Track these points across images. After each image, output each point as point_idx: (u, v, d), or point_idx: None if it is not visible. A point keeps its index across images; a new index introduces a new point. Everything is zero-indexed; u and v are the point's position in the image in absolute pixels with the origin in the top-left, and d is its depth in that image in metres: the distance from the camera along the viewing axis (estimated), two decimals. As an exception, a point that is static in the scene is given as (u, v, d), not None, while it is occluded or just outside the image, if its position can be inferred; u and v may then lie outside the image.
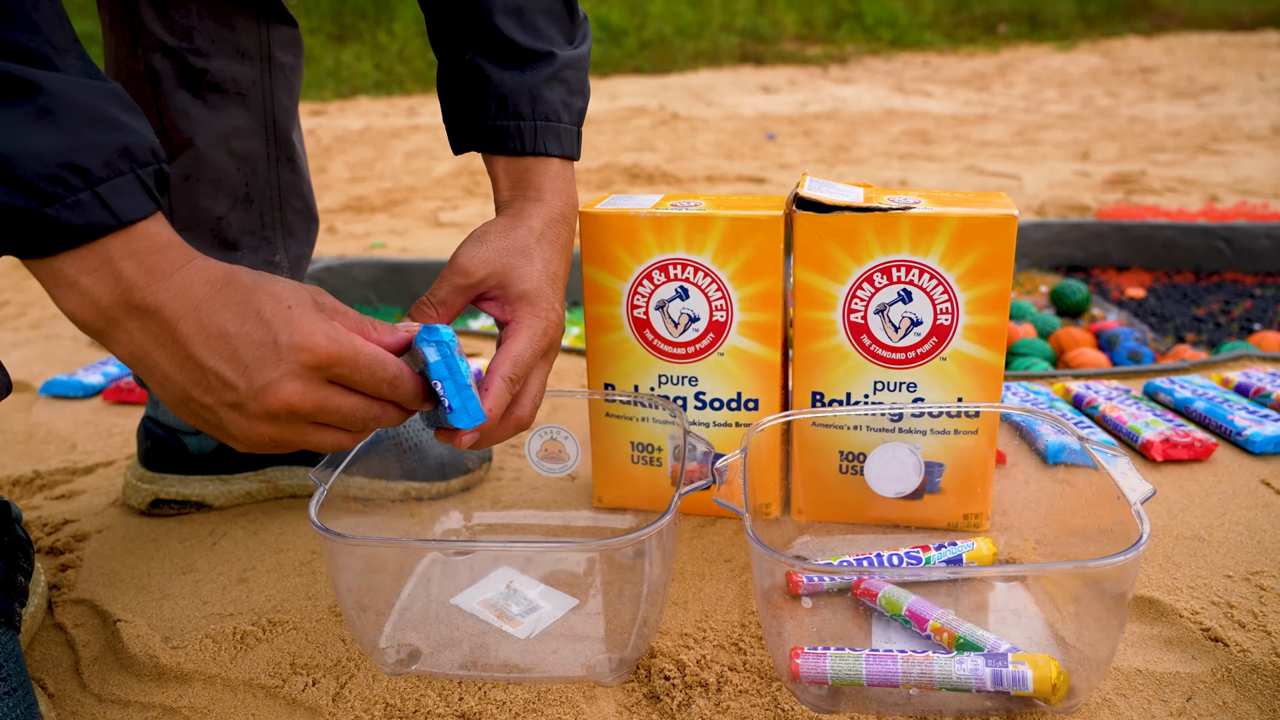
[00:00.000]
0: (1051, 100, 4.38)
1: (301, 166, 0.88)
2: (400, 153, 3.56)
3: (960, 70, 5.79)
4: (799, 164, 2.98)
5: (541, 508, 0.84)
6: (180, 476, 0.86)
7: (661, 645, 0.64)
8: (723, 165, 3.04)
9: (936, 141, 3.34)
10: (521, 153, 0.69)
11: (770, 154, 3.23)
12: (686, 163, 3.10)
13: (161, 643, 0.67)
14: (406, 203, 2.66)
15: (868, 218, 0.71)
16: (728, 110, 4.49)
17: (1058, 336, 1.37)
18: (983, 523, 0.77)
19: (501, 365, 0.60)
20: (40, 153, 0.45)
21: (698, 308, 0.76)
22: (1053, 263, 1.90)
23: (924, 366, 0.74)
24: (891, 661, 0.57)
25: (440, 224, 2.37)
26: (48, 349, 1.43)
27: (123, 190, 0.48)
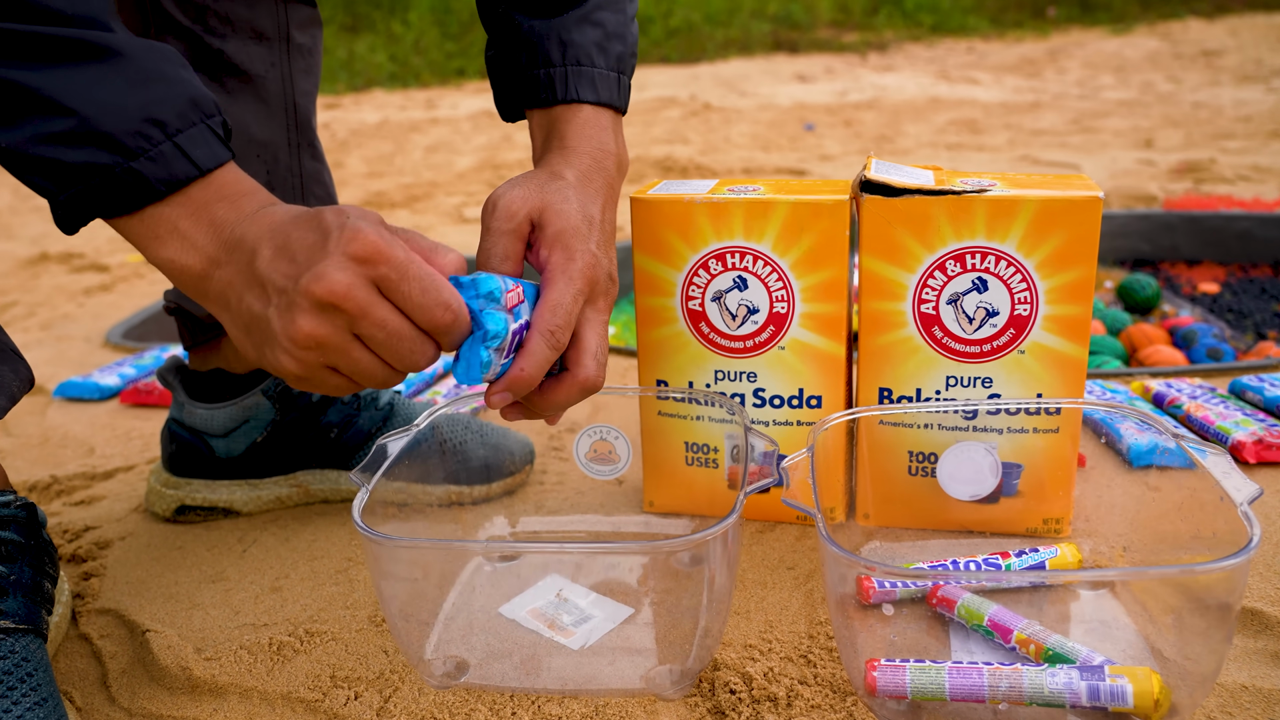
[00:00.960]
0: (1108, 86, 4.34)
1: (321, 153, 0.88)
2: (420, 146, 3.58)
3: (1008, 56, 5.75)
4: (841, 155, 2.96)
5: (589, 512, 0.84)
6: (207, 481, 0.86)
7: (725, 657, 0.63)
8: (760, 157, 3.03)
9: (986, 130, 3.31)
10: (553, 101, 0.68)
11: (810, 145, 3.22)
12: (721, 155, 3.10)
13: (194, 654, 0.67)
14: (428, 198, 2.67)
15: (940, 201, 0.70)
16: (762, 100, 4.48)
17: (1129, 333, 1.35)
18: (1064, 528, 0.76)
19: (540, 318, 0.59)
20: (119, 109, 0.49)
21: (757, 299, 0.75)
22: (1118, 256, 1.87)
23: (1000, 360, 0.73)
24: (977, 674, 0.56)
25: (464, 219, 2.37)
26: (60, 350, 1.45)
27: (197, 140, 0.52)
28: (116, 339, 1.48)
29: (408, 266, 0.50)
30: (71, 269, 2.02)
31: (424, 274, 0.51)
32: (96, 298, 1.78)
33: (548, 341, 0.58)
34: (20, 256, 2.14)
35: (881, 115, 3.82)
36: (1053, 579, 0.65)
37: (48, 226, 2.51)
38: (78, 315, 1.66)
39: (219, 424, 0.84)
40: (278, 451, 0.86)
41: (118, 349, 1.45)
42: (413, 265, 0.51)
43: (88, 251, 2.17)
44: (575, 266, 0.60)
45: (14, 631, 0.60)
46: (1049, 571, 0.52)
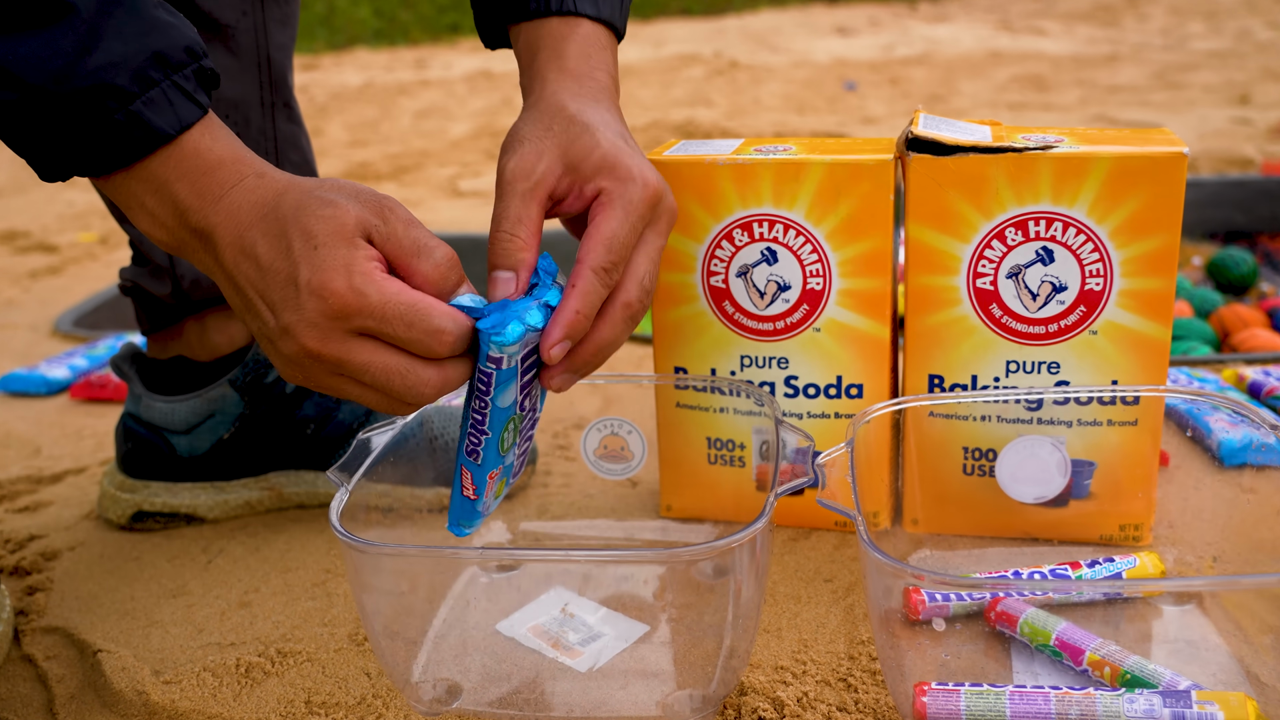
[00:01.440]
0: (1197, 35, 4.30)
1: (298, 115, 0.88)
2: (408, 112, 3.59)
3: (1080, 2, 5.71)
4: (886, 118, 2.95)
5: (599, 517, 0.84)
6: (167, 484, 0.87)
7: (753, 680, 0.63)
8: (793, 120, 3.02)
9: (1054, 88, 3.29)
10: (545, 12, 0.67)
11: (850, 106, 3.21)
12: (750, 118, 3.09)
13: (151, 677, 0.67)
14: (418, 169, 2.68)
15: (999, 160, 0.69)
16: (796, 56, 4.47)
17: (1221, 315, 1.34)
18: (1144, 535, 0.75)
19: (592, 253, 0.57)
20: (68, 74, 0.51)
21: (788, 273, 0.75)
22: (1208, 229, 1.85)
23: (1069, 342, 0.72)
24: (1043, 700, 0.56)
25: (459, 193, 2.38)
26: (3, 339, 1.46)
27: (158, 103, 0.52)
28: (66, 327, 1.49)
29: (384, 308, 0.51)
30: (15, 249, 2.04)
31: (404, 307, 0.52)
32: (44, 281, 1.80)
33: (601, 280, 0.57)
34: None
35: (933, 72, 3.80)
36: (1131, 589, 0.65)
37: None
38: (23, 301, 1.67)
39: (180, 419, 0.85)
40: (247, 450, 0.87)
41: (68, 338, 1.46)
42: (389, 305, 0.51)
43: (34, 230, 2.19)
44: (633, 191, 0.59)
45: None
46: (1127, 581, 0.52)
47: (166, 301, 0.85)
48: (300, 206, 0.53)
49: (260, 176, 0.55)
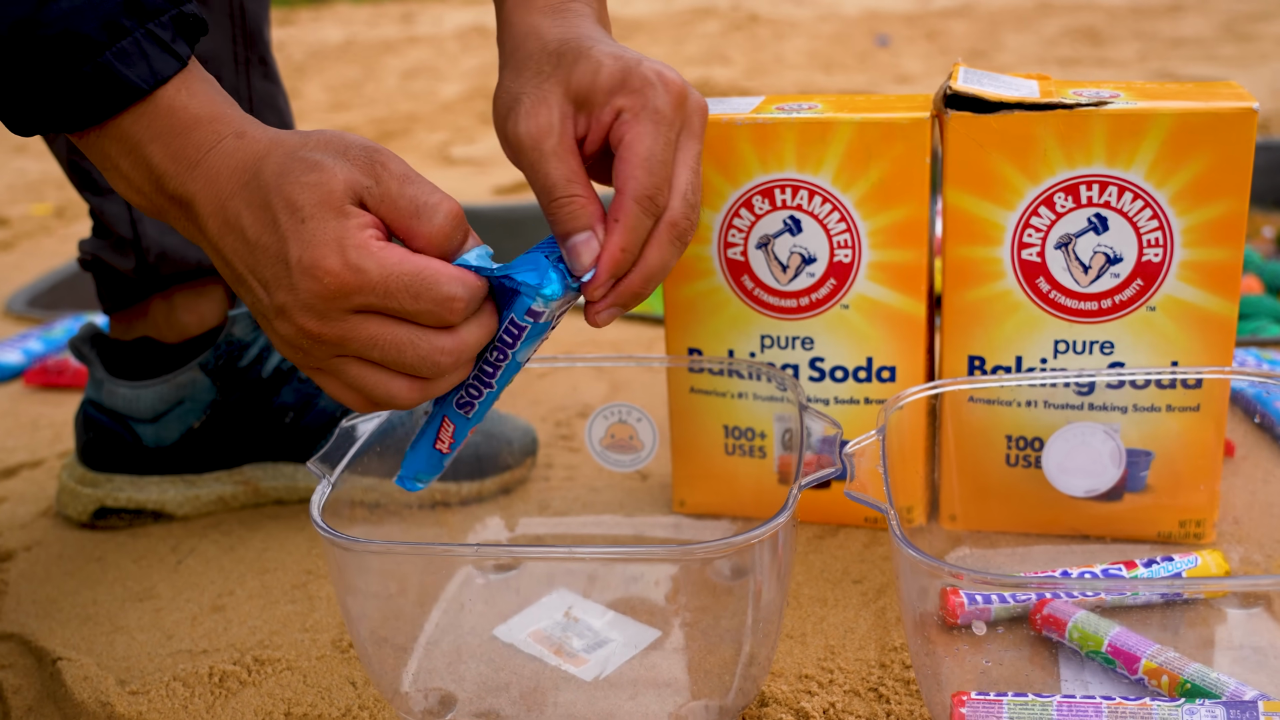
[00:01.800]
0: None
1: (275, 72, 0.88)
2: (395, 72, 3.59)
3: (1139, -52, 5.67)
4: (922, 76, 2.94)
5: (605, 513, 0.84)
6: (132, 478, 0.88)
7: (775, 690, 0.64)
8: (819, 80, 3.02)
9: (1110, 41, 3.28)
10: None
11: (882, 64, 3.20)
12: (771, 78, 3.09)
13: (116, 687, 0.68)
14: (406, 134, 2.68)
15: (1047, 118, 0.69)
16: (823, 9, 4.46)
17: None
18: (1206, 532, 0.76)
19: (631, 179, 0.56)
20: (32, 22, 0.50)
21: (814, 245, 0.75)
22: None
23: (1125, 319, 0.72)
24: (1094, 712, 0.56)
25: (451, 160, 2.39)
26: (-47, 323, 1.47)
27: (130, 55, 0.52)
28: (19, 307, 1.50)
29: (385, 282, 0.51)
30: (-35, 224, 2.05)
31: (408, 277, 0.52)
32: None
33: (645, 208, 0.57)
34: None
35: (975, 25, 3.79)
36: (1193, 589, 0.65)
37: (-64, 173, 2.55)
38: (-27, 280, 1.68)
39: (146, 406, 0.85)
40: (220, 440, 0.87)
41: (21, 319, 1.47)
42: (391, 278, 0.51)
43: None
44: (655, 98, 0.57)
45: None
46: (1188, 579, 0.52)
47: (130, 277, 0.85)
48: (283, 172, 0.52)
49: (240, 137, 0.54)
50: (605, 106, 0.58)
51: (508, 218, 1.83)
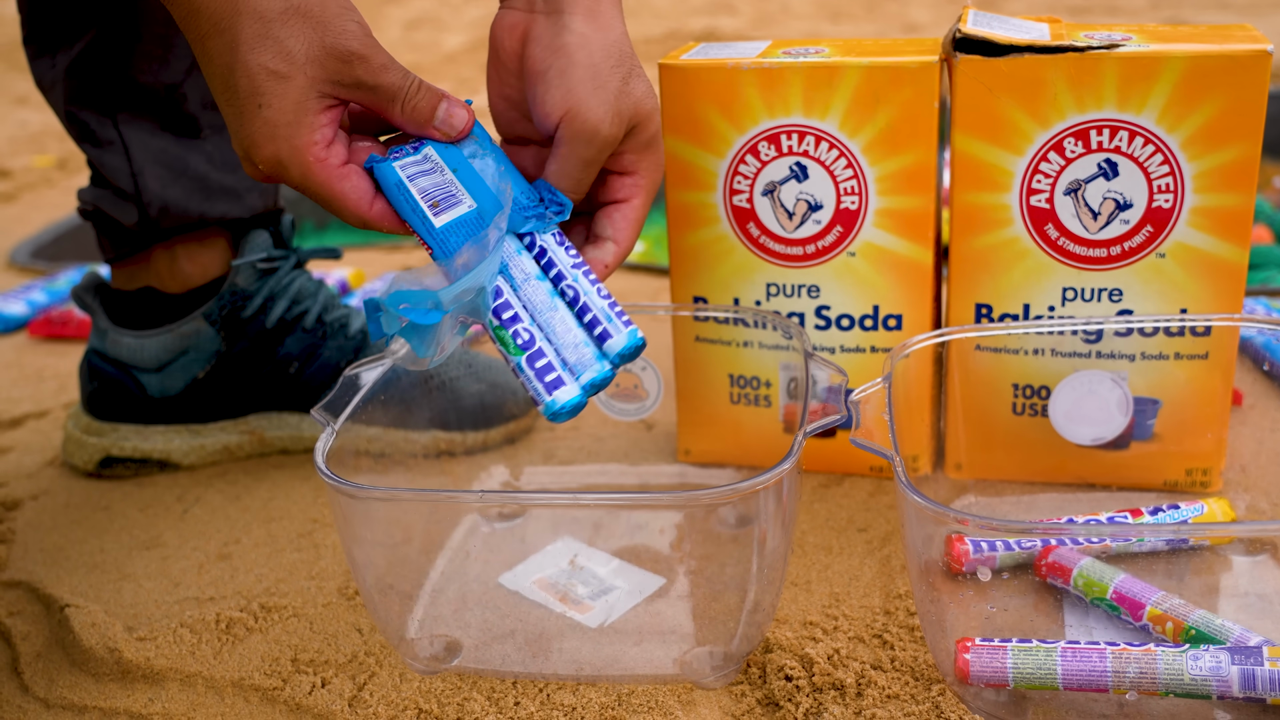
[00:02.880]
0: (1281, -69, 4.21)
1: None
2: (397, 22, 3.56)
3: (1151, -105, 5.59)
4: (930, 25, 2.91)
5: (610, 461, 0.84)
6: (138, 427, 0.88)
7: (779, 637, 0.64)
8: (826, 29, 2.99)
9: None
10: None
11: (890, 12, 3.17)
12: (778, 27, 3.06)
13: (124, 633, 0.68)
14: (407, 85, 2.66)
15: (1057, 61, 0.68)
16: (831, -44, 4.40)
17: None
18: (1213, 481, 0.75)
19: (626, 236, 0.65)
20: None
21: (820, 191, 0.74)
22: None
23: (1134, 266, 0.72)
24: (1098, 657, 0.56)
25: (453, 111, 2.37)
26: (-43, 275, 1.47)
27: None
28: (23, 259, 1.50)
29: (305, 182, 0.58)
30: (-33, 176, 2.04)
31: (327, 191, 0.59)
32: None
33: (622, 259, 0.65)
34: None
35: (985, -27, 3.73)
36: (1197, 534, 0.65)
37: (-63, 125, 2.53)
38: (-24, 232, 1.68)
39: (150, 355, 0.85)
40: (225, 390, 0.87)
41: (24, 271, 1.47)
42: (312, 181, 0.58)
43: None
44: (658, 174, 0.66)
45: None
46: (1192, 525, 0.52)
47: (132, 229, 0.85)
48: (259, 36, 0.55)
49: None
50: (633, 159, 0.64)
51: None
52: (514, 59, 0.63)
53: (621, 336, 0.59)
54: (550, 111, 0.60)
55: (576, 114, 0.59)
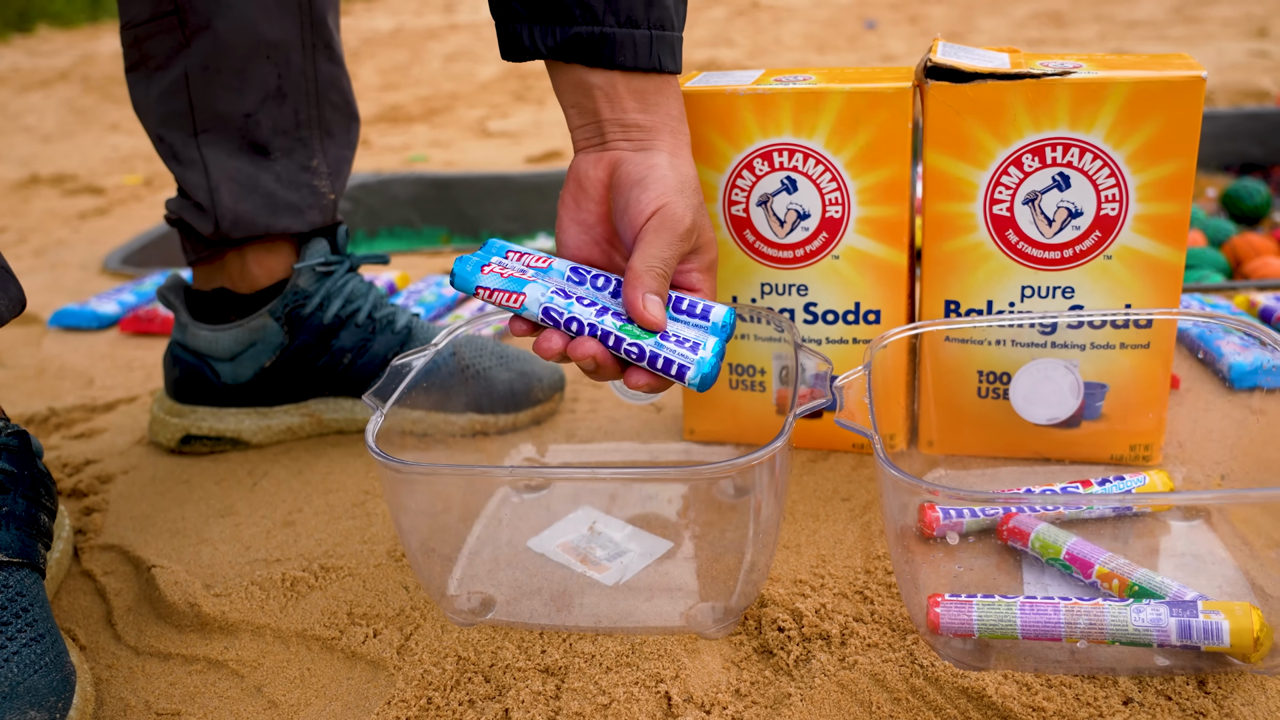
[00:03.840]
0: (1215, -30, 4.17)
1: (340, 55, 0.87)
2: (438, 55, 3.55)
3: (1100, -61, 5.54)
4: (905, 56, 2.89)
5: (624, 440, 0.84)
6: (213, 409, 0.88)
7: (773, 593, 0.63)
8: (814, 59, 2.97)
9: (1073, 24, 3.21)
10: (635, 67, 0.62)
11: (870, 45, 3.15)
12: (770, 58, 3.04)
13: (203, 590, 0.68)
14: (448, 111, 2.66)
15: (1016, 87, 0.67)
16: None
17: (1234, 245, 1.31)
18: (1154, 455, 0.75)
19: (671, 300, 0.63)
20: None
21: (808, 202, 0.74)
22: (1223, 161, 1.82)
23: (1084, 267, 0.71)
24: (1053, 610, 0.56)
25: (488, 133, 2.36)
26: (55, 277, 1.47)
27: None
28: (115, 265, 1.50)
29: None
30: (64, 192, 2.04)
31: None
32: (92, 222, 1.81)
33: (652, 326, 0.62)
34: (9, 179, 2.17)
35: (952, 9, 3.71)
36: (1139, 503, 0.64)
37: (36, 147, 2.54)
38: (73, 241, 1.68)
39: (224, 347, 0.85)
40: (288, 378, 0.87)
41: (116, 275, 1.47)
42: None
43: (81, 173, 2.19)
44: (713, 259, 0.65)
45: (6, 565, 0.61)
46: (1136, 494, 0.51)
47: (210, 237, 0.85)
48: None
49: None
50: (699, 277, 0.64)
51: (539, 183, 1.81)
52: (598, 186, 0.64)
53: (720, 309, 0.62)
54: (644, 208, 0.60)
55: (668, 207, 0.60)
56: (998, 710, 0.53)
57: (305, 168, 0.85)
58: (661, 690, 0.57)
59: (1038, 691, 0.54)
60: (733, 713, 0.55)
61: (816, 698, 0.56)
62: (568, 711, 0.56)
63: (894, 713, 0.54)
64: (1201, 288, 1.10)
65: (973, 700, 0.54)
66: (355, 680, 0.60)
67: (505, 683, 0.58)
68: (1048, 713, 0.53)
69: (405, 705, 0.57)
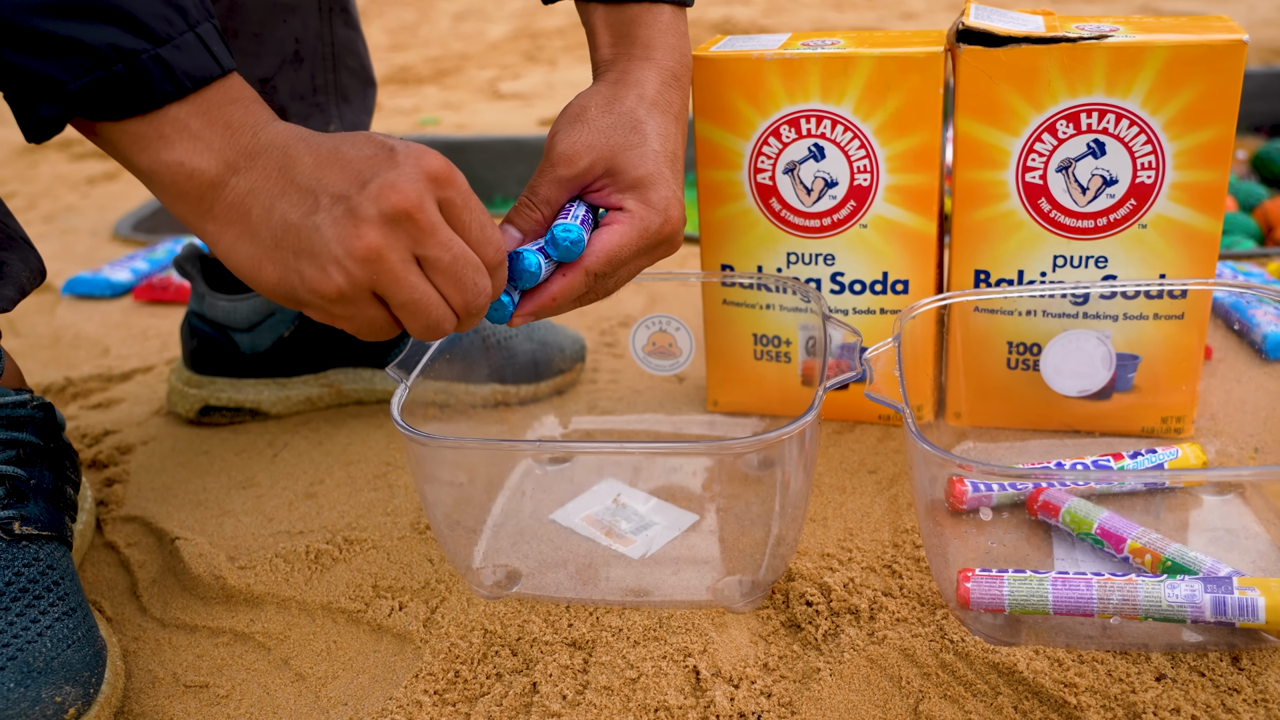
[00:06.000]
0: (1246, -77, 4.09)
1: (356, 19, 0.86)
2: (447, 14, 3.52)
3: (1126, -110, 5.44)
4: (926, 13, 2.86)
5: (647, 411, 0.84)
6: (232, 380, 0.88)
7: (800, 567, 0.64)
8: (832, 17, 2.94)
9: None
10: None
11: (890, 2, 3.11)
12: (788, 15, 3.01)
13: (227, 562, 0.69)
14: (459, 72, 2.64)
15: (1052, 51, 0.67)
16: (836, -50, 4.31)
17: (1265, 210, 1.30)
18: (1186, 427, 0.75)
19: (593, 257, 0.60)
20: None
21: (835, 170, 0.73)
22: (1254, 122, 1.80)
23: (1118, 236, 0.70)
24: (1085, 585, 0.56)
25: (500, 95, 2.35)
26: (66, 244, 1.48)
27: (213, 36, 0.50)
28: (126, 231, 1.51)
29: (469, 196, 0.52)
30: (72, 156, 2.04)
31: (481, 208, 0.53)
32: (101, 187, 1.81)
33: (588, 282, 0.60)
34: (15, 143, 2.17)
35: (975, -36, 3.66)
36: (1173, 479, 0.64)
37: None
38: (82, 206, 1.68)
39: (242, 317, 0.86)
40: (306, 348, 0.87)
41: (128, 242, 1.47)
42: (473, 196, 0.52)
43: (89, 137, 2.19)
44: (652, 221, 0.61)
45: (37, 539, 0.62)
46: (1170, 471, 0.52)
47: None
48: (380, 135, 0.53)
49: None
50: (622, 193, 0.61)
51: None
52: None
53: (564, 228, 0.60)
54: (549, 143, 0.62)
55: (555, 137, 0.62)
56: (1029, 686, 0.54)
57: (322, 133, 0.85)
58: (690, 664, 0.57)
59: (1069, 667, 0.54)
60: (761, 687, 0.56)
61: (846, 672, 0.56)
62: (596, 685, 0.56)
63: (924, 688, 0.55)
64: (1233, 254, 1.09)
65: (1004, 675, 0.55)
66: (382, 653, 0.61)
67: (532, 656, 0.59)
68: (1079, 688, 0.53)
69: (433, 678, 0.58)
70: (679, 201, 0.62)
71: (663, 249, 0.63)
